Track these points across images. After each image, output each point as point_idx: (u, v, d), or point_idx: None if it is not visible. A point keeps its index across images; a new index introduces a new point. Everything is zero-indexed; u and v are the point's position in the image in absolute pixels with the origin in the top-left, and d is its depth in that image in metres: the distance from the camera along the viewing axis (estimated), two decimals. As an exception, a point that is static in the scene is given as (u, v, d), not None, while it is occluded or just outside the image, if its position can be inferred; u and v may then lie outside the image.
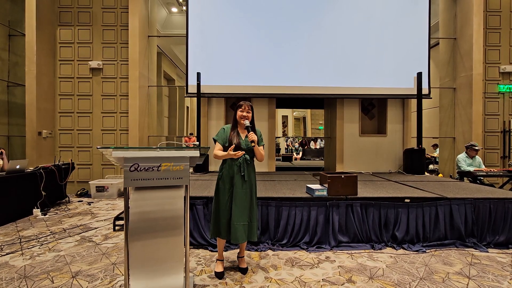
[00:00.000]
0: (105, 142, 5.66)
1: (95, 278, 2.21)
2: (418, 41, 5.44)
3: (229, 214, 2.14)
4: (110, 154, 1.69)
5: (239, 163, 2.16)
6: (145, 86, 5.95)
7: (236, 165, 2.16)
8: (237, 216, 2.10)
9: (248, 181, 2.18)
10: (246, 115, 2.20)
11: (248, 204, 2.16)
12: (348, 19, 5.42)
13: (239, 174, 2.15)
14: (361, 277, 2.23)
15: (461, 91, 5.81)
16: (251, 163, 2.23)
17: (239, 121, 2.24)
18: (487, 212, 2.89)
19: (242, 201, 2.13)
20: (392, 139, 5.71)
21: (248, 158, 2.19)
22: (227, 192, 2.16)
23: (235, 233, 2.08)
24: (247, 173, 2.17)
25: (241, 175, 2.15)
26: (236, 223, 2.09)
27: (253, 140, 2.10)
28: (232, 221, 2.10)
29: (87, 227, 3.49)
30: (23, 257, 2.61)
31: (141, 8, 5.67)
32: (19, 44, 5.82)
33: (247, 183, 2.17)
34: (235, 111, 2.26)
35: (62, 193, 4.78)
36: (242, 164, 2.16)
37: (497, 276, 2.25)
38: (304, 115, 19.91)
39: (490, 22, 5.74)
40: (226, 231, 2.14)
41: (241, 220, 2.11)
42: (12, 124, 5.81)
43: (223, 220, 2.14)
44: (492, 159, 5.72)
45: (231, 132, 2.25)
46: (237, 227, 2.09)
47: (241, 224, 2.10)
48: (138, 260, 1.71)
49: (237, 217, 2.10)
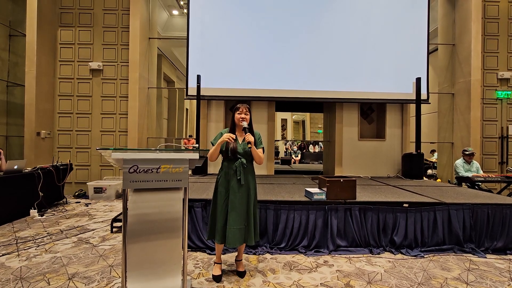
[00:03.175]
0: (104, 144, 5.65)
1: (92, 280, 2.19)
2: (417, 47, 5.49)
3: (225, 219, 2.12)
4: (109, 156, 1.68)
5: (235, 167, 2.13)
6: (145, 88, 5.96)
7: (232, 169, 2.14)
8: (233, 220, 2.08)
9: (245, 185, 2.16)
10: (244, 116, 2.16)
11: (245, 208, 2.14)
12: (348, 24, 5.46)
13: (235, 178, 2.13)
14: (359, 281, 2.22)
15: (460, 96, 5.85)
16: (248, 166, 2.19)
17: (237, 123, 2.19)
18: (485, 218, 2.90)
19: (239, 205, 2.11)
20: (391, 143, 5.73)
21: (244, 162, 2.15)
22: (224, 196, 2.14)
23: (231, 237, 2.06)
24: (243, 176, 2.14)
25: (237, 179, 2.13)
26: (232, 227, 2.07)
27: (249, 142, 2.06)
28: (228, 225, 2.08)
29: (84, 229, 3.47)
30: (19, 258, 2.58)
31: (142, 10, 5.70)
32: (20, 44, 5.82)
33: (243, 187, 2.15)
34: (232, 114, 2.22)
35: (60, 194, 4.76)
36: (238, 167, 2.13)
37: (495, 282, 2.25)
38: (303, 119, 19.96)
39: (488, 28, 5.80)
40: (221, 236, 2.12)
41: (237, 224, 2.09)
42: (10, 124, 5.79)
43: (219, 224, 2.12)
44: (490, 165, 5.75)
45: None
46: (233, 231, 2.07)
47: (237, 228, 2.08)
48: (136, 262, 1.70)
49: (233, 221, 2.08)
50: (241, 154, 2.16)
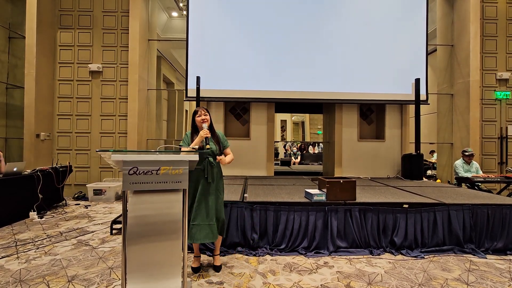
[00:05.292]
0: (103, 145, 5.64)
1: (91, 282, 2.18)
2: (416, 48, 5.50)
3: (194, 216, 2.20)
4: (109, 157, 1.68)
5: (203, 166, 2.24)
6: (145, 90, 5.96)
7: (200, 168, 2.24)
8: (202, 217, 2.19)
9: (213, 183, 2.27)
10: (204, 118, 2.30)
11: (214, 204, 2.25)
12: (346, 25, 5.47)
13: (203, 176, 2.24)
14: (360, 282, 2.22)
15: (459, 97, 5.86)
16: (215, 165, 2.30)
17: (199, 125, 2.33)
18: (485, 218, 2.90)
19: (207, 201, 2.23)
20: (390, 144, 5.74)
21: (212, 161, 2.27)
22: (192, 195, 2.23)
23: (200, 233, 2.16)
24: (211, 174, 2.25)
25: (205, 177, 2.23)
26: (202, 223, 2.18)
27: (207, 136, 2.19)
28: (198, 222, 2.18)
29: (84, 231, 3.46)
30: (18, 260, 2.58)
31: (141, 12, 5.71)
32: (19, 46, 5.83)
33: (211, 185, 2.26)
34: (193, 119, 2.36)
35: (59, 196, 4.75)
36: (206, 167, 2.24)
37: (495, 282, 2.25)
38: (303, 120, 19.96)
39: (487, 29, 5.82)
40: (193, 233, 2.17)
41: (207, 220, 2.20)
42: (10, 126, 5.78)
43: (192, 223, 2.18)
44: (490, 165, 5.75)
45: (193, 138, 2.33)
46: (202, 227, 2.18)
47: (206, 224, 2.19)
48: (136, 264, 1.70)
49: (202, 217, 2.19)
50: (208, 154, 2.28)
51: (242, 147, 5.48)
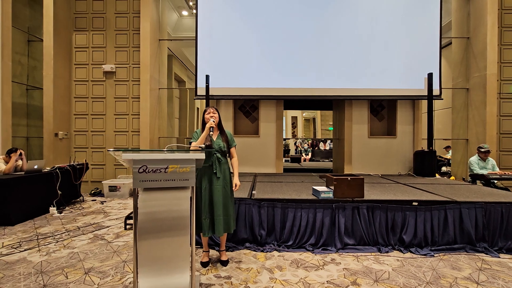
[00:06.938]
0: (117, 143, 5.83)
1: (106, 274, 2.30)
2: (429, 41, 5.34)
3: (208, 211, 2.29)
4: (120, 156, 1.76)
5: (211, 162, 2.32)
6: (156, 89, 6.09)
7: (209, 164, 2.32)
8: (217, 211, 2.29)
9: (222, 178, 2.34)
10: (212, 115, 2.40)
11: (222, 199, 2.33)
12: (356, 19, 5.38)
13: (211, 172, 2.32)
14: (366, 280, 2.23)
15: (475, 91, 5.66)
16: (223, 161, 2.40)
17: (207, 121, 2.41)
18: (499, 217, 2.82)
19: (218, 196, 2.30)
20: (402, 140, 5.62)
21: (220, 157, 2.37)
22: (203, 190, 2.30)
23: (217, 226, 2.27)
24: (219, 170, 2.34)
25: (213, 172, 2.31)
26: (218, 217, 2.28)
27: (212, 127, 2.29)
28: (215, 216, 2.28)
29: (99, 226, 3.62)
30: (39, 253, 2.74)
31: (152, 12, 5.81)
32: (37, 49, 6.07)
33: (220, 180, 2.33)
34: (203, 116, 2.45)
35: (77, 192, 4.96)
36: (215, 162, 2.33)
37: (507, 282, 2.20)
38: (314, 116, 19.79)
39: (505, 20, 5.57)
40: (208, 227, 2.28)
41: (221, 215, 2.29)
42: (30, 126, 6.07)
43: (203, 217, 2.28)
44: (508, 162, 5.55)
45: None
46: (218, 221, 2.27)
47: (221, 218, 2.29)
48: (146, 258, 1.78)
49: (217, 211, 2.29)
50: (216, 150, 2.37)
51: (251, 145, 5.53)
